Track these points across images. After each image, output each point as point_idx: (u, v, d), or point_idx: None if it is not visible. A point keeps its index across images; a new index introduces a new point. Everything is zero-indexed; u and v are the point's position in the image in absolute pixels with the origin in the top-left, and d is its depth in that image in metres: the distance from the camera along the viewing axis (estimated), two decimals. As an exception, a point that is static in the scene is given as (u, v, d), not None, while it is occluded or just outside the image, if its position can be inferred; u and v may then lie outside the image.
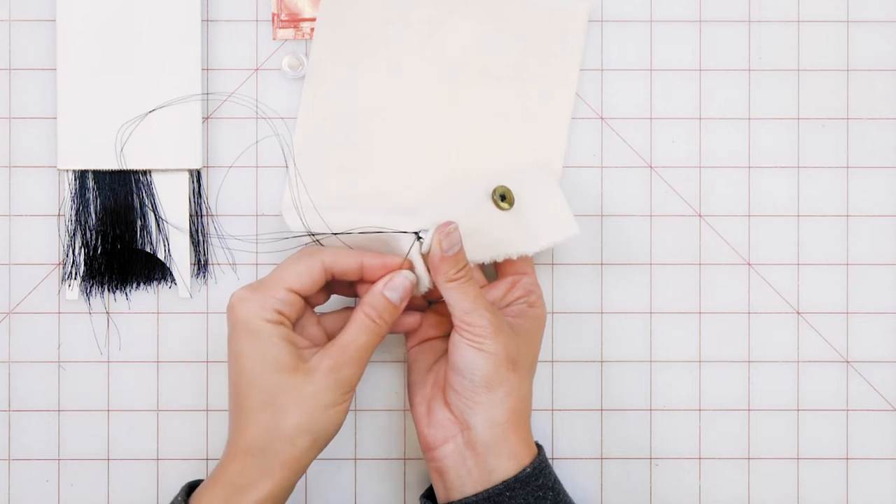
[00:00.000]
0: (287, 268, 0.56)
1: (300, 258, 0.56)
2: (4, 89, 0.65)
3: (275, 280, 0.56)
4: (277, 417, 0.54)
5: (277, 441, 0.54)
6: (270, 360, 0.54)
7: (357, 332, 0.56)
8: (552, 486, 0.57)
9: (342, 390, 0.55)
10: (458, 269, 0.56)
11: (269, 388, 0.54)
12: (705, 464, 0.65)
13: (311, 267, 0.56)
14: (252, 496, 0.54)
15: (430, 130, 0.64)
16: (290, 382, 0.54)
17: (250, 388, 0.54)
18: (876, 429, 0.65)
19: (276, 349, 0.54)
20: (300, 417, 0.54)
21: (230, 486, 0.54)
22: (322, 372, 0.55)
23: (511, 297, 0.60)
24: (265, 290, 0.55)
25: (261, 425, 0.54)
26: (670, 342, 0.65)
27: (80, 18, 0.63)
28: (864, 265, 0.65)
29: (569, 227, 0.60)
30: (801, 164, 0.65)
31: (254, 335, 0.54)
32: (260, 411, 0.54)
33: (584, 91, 0.65)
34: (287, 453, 0.54)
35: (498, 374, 0.56)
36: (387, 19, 0.64)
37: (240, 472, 0.54)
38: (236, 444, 0.55)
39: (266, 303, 0.55)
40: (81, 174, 0.64)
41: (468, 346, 0.56)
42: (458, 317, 0.56)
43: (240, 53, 0.65)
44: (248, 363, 0.55)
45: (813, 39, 0.65)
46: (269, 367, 0.54)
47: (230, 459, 0.55)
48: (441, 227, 0.56)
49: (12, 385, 0.65)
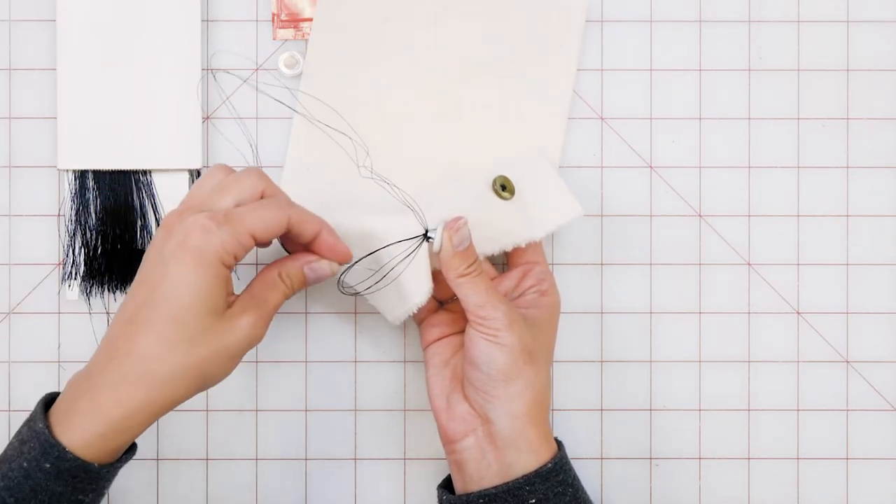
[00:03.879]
0: (256, 212, 0.54)
1: (269, 206, 0.55)
2: (4, 89, 0.65)
3: (243, 222, 0.53)
4: (190, 357, 0.52)
5: (178, 379, 0.52)
6: (209, 300, 0.52)
7: (274, 293, 0.55)
8: (572, 482, 0.57)
9: (250, 346, 0.54)
10: (469, 264, 0.56)
11: (195, 327, 0.52)
12: (705, 464, 0.65)
13: (279, 220, 0.54)
14: (126, 435, 0.52)
15: (428, 127, 0.64)
16: (215, 327, 0.52)
17: (172, 319, 0.51)
18: (876, 429, 0.65)
19: (216, 291, 0.52)
20: (210, 364, 0.53)
21: (105, 418, 0.51)
22: (243, 325, 0.53)
23: (523, 287, 0.60)
24: (232, 228, 0.53)
25: (169, 360, 0.52)
26: (670, 342, 0.65)
27: (80, 18, 0.63)
28: (864, 265, 0.65)
29: (572, 207, 0.60)
30: (801, 164, 0.65)
31: (203, 269, 0.52)
32: (173, 346, 0.52)
33: (584, 91, 0.65)
34: (181, 394, 0.53)
35: (515, 366, 0.56)
36: (385, 16, 0.64)
37: (117, 402, 0.51)
38: (125, 368, 0.52)
39: (229, 244, 0.52)
40: (81, 174, 0.64)
41: (483, 339, 0.56)
42: (471, 311, 0.56)
43: (240, 53, 0.65)
44: (184, 295, 0.52)
45: (813, 39, 0.65)
46: (205, 308, 0.52)
47: (109, 385, 0.52)
48: (450, 223, 0.56)
49: (12, 385, 0.65)
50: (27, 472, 0.51)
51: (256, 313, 0.54)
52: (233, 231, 0.52)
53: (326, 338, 0.65)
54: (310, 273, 0.57)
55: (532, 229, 0.59)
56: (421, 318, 0.62)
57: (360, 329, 0.65)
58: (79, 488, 0.52)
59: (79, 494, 0.52)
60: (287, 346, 0.65)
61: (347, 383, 0.65)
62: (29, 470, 0.51)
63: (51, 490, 0.51)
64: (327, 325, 0.65)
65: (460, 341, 0.60)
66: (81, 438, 0.51)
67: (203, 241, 0.52)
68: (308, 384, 0.65)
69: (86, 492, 0.52)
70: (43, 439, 0.51)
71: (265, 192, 0.56)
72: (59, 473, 0.51)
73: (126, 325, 0.52)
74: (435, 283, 0.58)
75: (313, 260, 0.57)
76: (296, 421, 0.65)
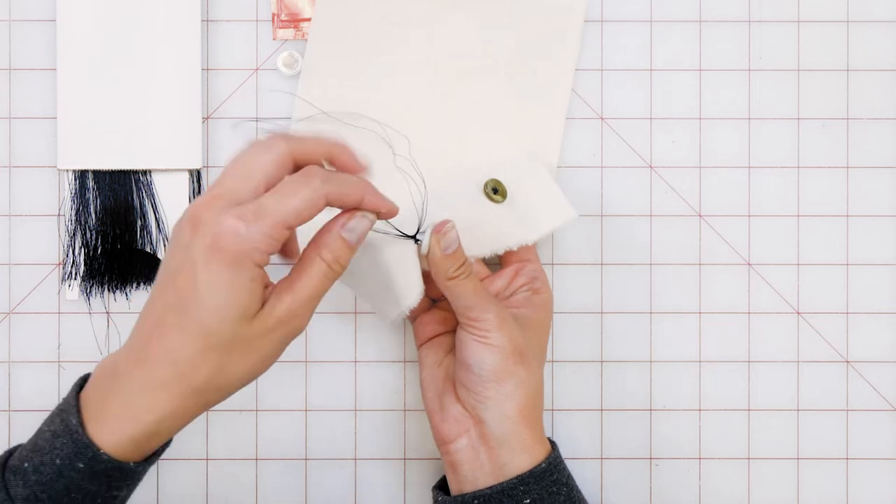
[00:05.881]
0: (288, 201, 0.49)
1: (301, 190, 0.50)
2: (4, 89, 0.65)
3: (274, 216, 0.49)
4: (224, 367, 0.49)
5: (211, 386, 0.50)
6: (239, 306, 0.48)
7: (312, 277, 0.51)
8: (566, 482, 0.57)
9: (287, 342, 0.51)
10: (458, 267, 0.56)
11: (225, 335, 0.49)
12: (705, 464, 0.65)
13: (314, 205, 0.50)
14: (158, 439, 0.51)
15: (426, 126, 0.64)
16: (247, 333, 0.49)
17: (205, 327, 0.48)
18: (876, 429, 0.65)
19: (248, 296, 0.49)
20: (244, 370, 0.50)
21: (138, 424, 0.50)
22: (275, 322, 0.50)
23: (515, 286, 0.60)
24: (263, 225, 0.48)
25: (203, 368, 0.49)
26: (670, 342, 0.65)
27: (80, 18, 0.63)
28: (864, 265, 0.65)
29: (566, 211, 0.60)
30: (801, 164, 0.65)
31: (235, 275, 0.48)
32: (207, 353, 0.49)
33: (584, 91, 0.65)
34: (215, 398, 0.51)
35: (506, 367, 0.56)
36: (383, 14, 0.64)
37: (149, 409, 0.50)
38: (157, 373, 0.49)
39: (262, 244, 0.48)
40: (81, 174, 0.64)
41: (474, 340, 0.56)
42: (461, 313, 0.56)
43: (240, 53, 0.65)
44: (216, 302, 0.48)
45: (813, 39, 0.65)
46: (235, 314, 0.48)
47: (140, 389, 0.50)
48: (438, 226, 0.56)
49: (12, 385, 0.65)
50: (60, 471, 0.50)
51: (288, 305, 0.50)
52: (265, 229, 0.48)
53: (326, 338, 0.65)
54: (350, 236, 0.52)
55: (525, 233, 0.59)
56: (414, 315, 0.62)
57: (360, 329, 0.65)
58: (113, 486, 0.51)
59: (113, 490, 0.51)
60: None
61: (347, 383, 0.65)
62: (62, 468, 0.50)
63: (84, 488, 0.50)
64: (327, 325, 0.65)
65: (452, 341, 0.60)
66: (114, 439, 0.50)
67: (235, 245, 0.48)
68: (308, 384, 0.65)
69: (120, 488, 0.52)
70: (76, 438, 0.50)
71: (295, 157, 0.51)
72: (93, 474, 0.50)
73: (156, 327, 0.50)
74: (427, 282, 0.58)
75: (346, 220, 0.52)
76: (296, 421, 0.65)
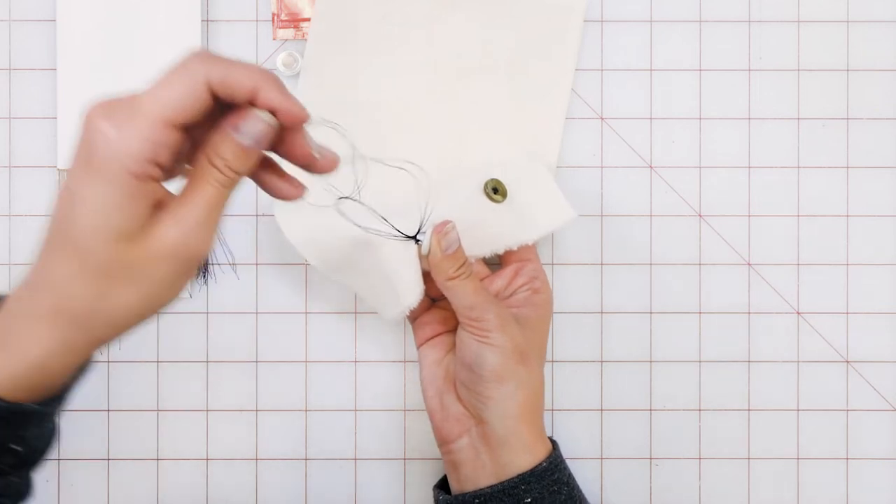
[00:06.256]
0: (160, 90, 0.43)
1: (175, 73, 0.43)
2: (4, 89, 0.65)
3: (146, 110, 0.42)
4: (106, 294, 0.44)
5: (97, 318, 0.44)
6: (113, 225, 0.42)
7: (204, 188, 0.44)
8: (567, 481, 0.57)
9: (186, 270, 0.44)
10: (458, 267, 0.56)
11: (101, 256, 0.43)
12: (705, 464, 0.65)
13: (193, 87, 0.43)
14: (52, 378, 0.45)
15: (426, 126, 0.64)
16: (128, 257, 0.43)
17: (79, 249, 0.43)
18: (876, 429, 0.65)
19: (120, 213, 0.42)
20: (133, 300, 0.44)
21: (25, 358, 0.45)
22: (164, 245, 0.43)
23: (515, 285, 0.60)
24: (136, 124, 0.42)
25: (83, 297, 0.44)
26: (670, 342, 0.65)
27: (80, 18, 0.63)
28: (864, 265, 0.65)
29: (565, 212, 0.60)
30: (801, 164, 0.65)
31: (104, 186, 0.42)
32: (85, 279, 0.43)
33: (584, 91, 0.65)
34: (107, 332, 0.45)
35: (507, 367, 0.56)
36: (383, 14, 0.64)
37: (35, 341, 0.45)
38: (39, 300, 0.44)
39: (136, 149, 0.42)
40: (81, 174, 0.64)
41: (475, 340, 0.56)
42: (462, 313, 0.56)
43: (240, 53, 0.65)
44: (83, 219, 0.43)
45: (813, 39, 0.65)
46: (109, 234, 0.43)
47: (25, 319, 0.45)
48: (438, 226, 0.56)
49: (12, 385, 0.65)
50: None
51: (180, 224, 0.44)
52: (137, 129, 0.42)
53: (326, 338, 0.65)
54: (240, 138, 0.44)
55: (524, 233, 0.59)
56: (414, 315, 0.62)
57: (360, 329, 0.65)
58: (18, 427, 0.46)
59: (19, 431, 0.46)
60: (287, 346, 0.65)
61: (347, 383, 0.65)
62: None
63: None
64: (327, 325, 0.65)
65: (452, 340, 0.60)
66: (4, 375, 0.45)
67: (105, 153, 0.42)
68: (308, 384, 0.65)
69: (26, 428, 0.46)
70: None
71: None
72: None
73: (39, 253, 0.45)
74: (427, 282, 0.58)
75: (238, 119, 0.44)
76: (296, 421, 0.65)
